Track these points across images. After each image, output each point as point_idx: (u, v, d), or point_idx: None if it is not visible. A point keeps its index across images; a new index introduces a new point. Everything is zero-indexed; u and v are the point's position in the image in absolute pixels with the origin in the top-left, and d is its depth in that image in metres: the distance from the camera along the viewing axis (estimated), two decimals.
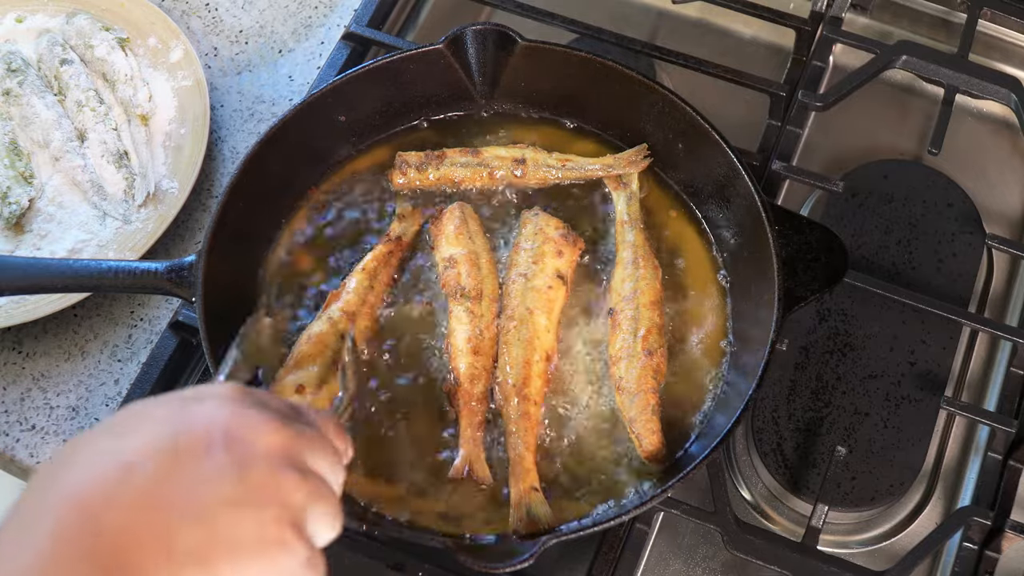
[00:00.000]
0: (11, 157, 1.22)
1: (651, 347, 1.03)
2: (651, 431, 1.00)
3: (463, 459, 0.99)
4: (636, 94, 1.13)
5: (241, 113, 1.31)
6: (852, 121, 1.29)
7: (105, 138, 1.23)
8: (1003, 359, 1.16)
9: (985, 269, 1.20)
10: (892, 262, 1.18)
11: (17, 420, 1.13)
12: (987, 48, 1.34)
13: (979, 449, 1.11)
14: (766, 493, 1.09)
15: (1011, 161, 1.29)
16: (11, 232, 1.20)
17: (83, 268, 1.02)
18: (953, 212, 1.21)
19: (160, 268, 1.02)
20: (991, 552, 1.03)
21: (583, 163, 1.14)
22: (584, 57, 1.14)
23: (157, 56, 1.31)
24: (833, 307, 1.15)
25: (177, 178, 1.22)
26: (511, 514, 0.97)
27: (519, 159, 1.13)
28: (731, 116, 1.19)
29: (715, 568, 1.06)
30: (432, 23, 1.38)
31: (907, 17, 1.36)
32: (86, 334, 1.18)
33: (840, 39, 1.29)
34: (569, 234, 1.09)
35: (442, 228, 1.09)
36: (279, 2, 1.40)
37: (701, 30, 1.38)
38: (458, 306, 1.05)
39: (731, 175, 1.08)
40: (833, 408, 1.11)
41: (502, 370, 1.03)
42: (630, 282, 1.07)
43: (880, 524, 1.09)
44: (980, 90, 1.25)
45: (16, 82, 1.26)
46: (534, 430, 1.00)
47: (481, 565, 0.90)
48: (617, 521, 0.94)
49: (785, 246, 1.03)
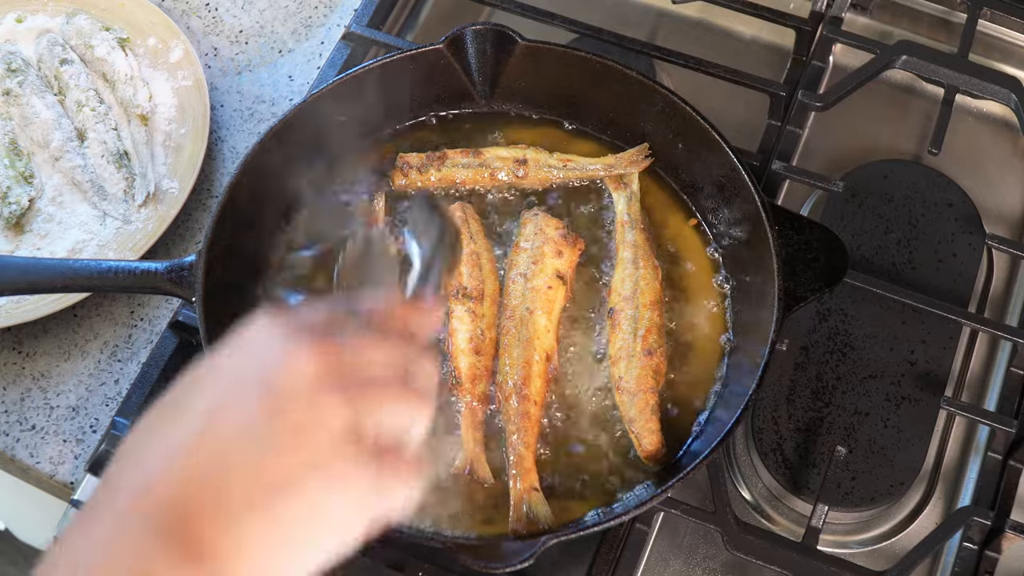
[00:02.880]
0: (11, 157, 1.22)
1: (651, 347, 1.03)
2: (651, 431, 1.00)
3: (464, 458, 0.99)
4: (636, 94, 1.13)
5: (241, 113, 1.31)
6: (852, 121, 1.29)
7: (105, 138, 1.23)
8: (1003, 359, 1.16)
9: (985, 269, 1.20)
10: (892, 262, 1.18)
11: (17, 420, 1.13)
12: (987, 48, 1.33)
13: (979, 449, 1.11)
14: (766, 493, 1.09)
15: (1011, 161, 1.29)
16: (11, 232, 1.20)
17: (83, 268, 1.02)
18: (953, 212, 1.21)
19: (160, 268, 1.02)
20: (991, 552, 1.03)
21: (584, 163, 1.14)
22: (584, 57, 1.14)
23: (157, 56, 1.31)
24: (833, 307, 1.15)
25: (177, 178, 1.22)
26: (511, 514, 0.97)
27: (520, 159, 1.13)
28: (731, 116, 1.19)
29: (715, 568, 1.06)
30: (432, 23, 1.38)
31: (907, 17, 1.36)
32: (86, 334, 1.18)
33: (840, 39, 1.29)
34: (569, 234, 1.09)
35: None
36: (279, 2, 1.40)
37: (701, 30, 1.38)
38: (459, 306, 1.05)
39: (731, 175, 1.08)
40: (833, 408, 1.11)
41: (502, 370, 1.03)
42: (630, 282, 1.07)
43: (880, 524, 1.09)
44: (980, 90, 1.25)
45: (16, 82, 1.26)
46: (534, 430, 1.00)
47: (481, 565, 0.90)
48: (617, 521, 0.94)
49: (785, 246, 1.03)
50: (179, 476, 0.61)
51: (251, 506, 0.60)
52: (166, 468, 0.61)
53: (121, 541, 0.59)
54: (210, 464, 0.61)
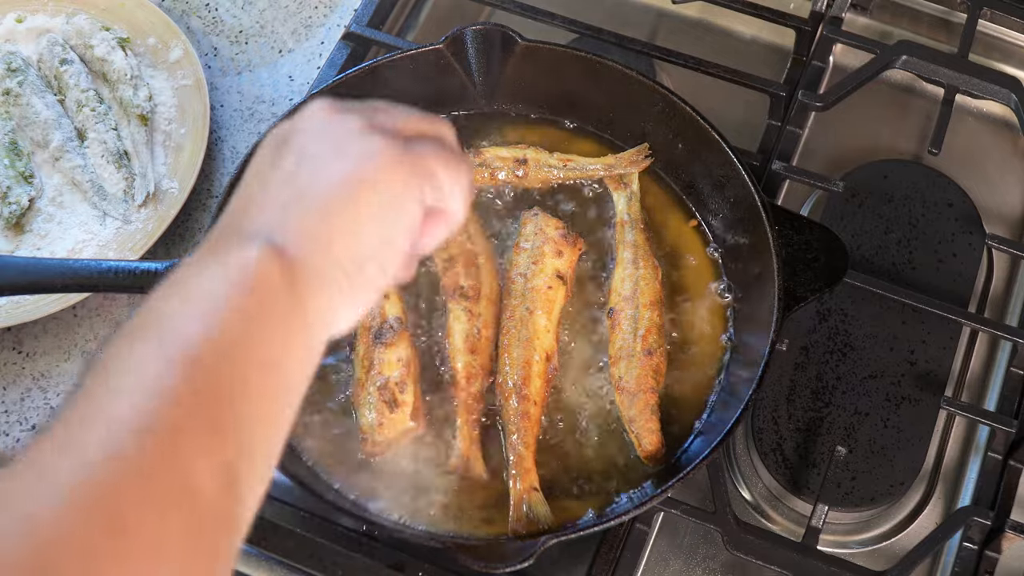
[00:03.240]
0: (11, 157, 1.22)
1: (651, 347, 1.03)
2: (650, 431, 1.00)
3: (459, 456, 0.99)
4: (636, 94, 1.13)
5: (241, 113, 1.31)
6: (852, 121, 1.29)
7: (105, 138, 1.23)
8: (1003, 359, 1.16)
9: (985, 269, 1.20)
10: (892, 262, 1.18)
11: (17, 420, 1.13)
12: (987, 48, 1.33)
13: (979, 449, 1.11)
14: (766, 493, 1.09)
15: (1011, 161, 1.29)
16: (11, 232, 1.20)
17: (83, 268, 1.02)
18: (953, 212, 1.21)
19: (160, 268, 1.02)
20: (991, 552, 1.03)
21: (584, 163, 1.14)
22: (584, 57, 1.14)
23: (157, 56, 1.31)
24: (833, 307, 1.15)
25: (177, 178, 1.22)
26: (511, 514, 0.97)
27: (520, 159, 1.13)
28: (731, 116, 1.19)
29: (715, 568, 1.06)
30: (432, 23, 1.38)
31: (907, 17, 1.36)
32: (86, 334, 1.18)
33: (840, 39, 1.29)
34: (569, 234, 1.09)
35: None
36: (279, 2, 1.40)
37: (701, 30, 1.38)
38: (456, 306, 1.05)
39: (731, 175, 1.08)
40: (833, 408, 1.11)
41: (502, 370, 1.03)
42: (630, 282, 1.07)
43: (880, 524, 1.09)
44: (980, 90, 1.25)
45: (16, 82, 1.26)
46: (534, 430, 1.00)
47: (481, 565, 0.90)
48: (617, 521, 0.94)
49: (785, 246, 1.03)
50: (272, 198, 0.70)
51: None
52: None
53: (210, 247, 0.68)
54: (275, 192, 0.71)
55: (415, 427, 1.00)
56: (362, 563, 0.99)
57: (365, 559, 0.99)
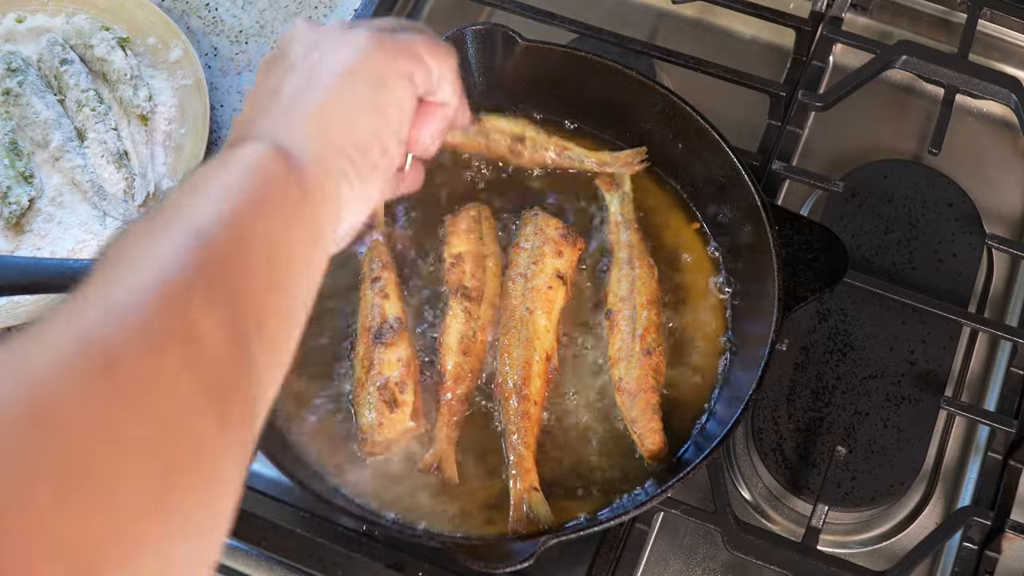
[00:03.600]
0: (11, 157, 1.22)
1: (650, 346, 1.03)
2: (653, 430, 1.00)
3: (434, 454, 0.99)
4: (636, 94, 1.13)
5: (241, 113, 1.31)
6: (852, 121, 1.29)
7: (105, 138, 1.23)
8: (1003, 359, 1.16)
9: (985, 269, 1.20)
10: (892, 262, 1.18)
11: None
12: (987, 48, 1.33)
13: (979, 449, 1.11)
14: (766, 493, 1.09)
15: (1011, 161, 1.29)
16: (11, 232, 1.20)
17: (83, 268, 1.01)
18: (953, 212, 1.21)
19: None
20: (991, 552, 1.03)
21: (580, 153, 1.14)
22: (584, 57, 1.14)
23: (157, 56, 1.31)
24: (833, 307, 1.15)
25: (177, 178, 1.22)
26: (511, 514, 0.97)
27: (519, 136, 1.13)
28: (731, 116, 1.19)
29: (715, 568, 1.06)
30: (432, 23, 1.38)
31: (907, 17, 1.36)
32: None
33: (840, 39, 1.29)
34: (569, 234, 1.09)
35: (456, 225, 1.09)
36: (279, 2, 1.40)
37: (701, 30, 1.38)
38: (457, 304, 1.05)
39: (731, 175, 1.08)
40: (833, 408, 1.10)
41: (502, 370, 1.03)
42: (626, 282, 1.07)
43: (880, 524, 1.09)
44: (980, 90, 1.25)
45: (16, 82, 1.26)
46: (534, 430, 1.00)
47: (481, 565, 0.90)
48: (617, 521, 0.94)
49: (785, 246, 1.03)
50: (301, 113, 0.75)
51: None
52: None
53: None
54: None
55: (415, 427, 1.00)
56: (362, 563, 0.99)
57: (365, 559, 0.99)
